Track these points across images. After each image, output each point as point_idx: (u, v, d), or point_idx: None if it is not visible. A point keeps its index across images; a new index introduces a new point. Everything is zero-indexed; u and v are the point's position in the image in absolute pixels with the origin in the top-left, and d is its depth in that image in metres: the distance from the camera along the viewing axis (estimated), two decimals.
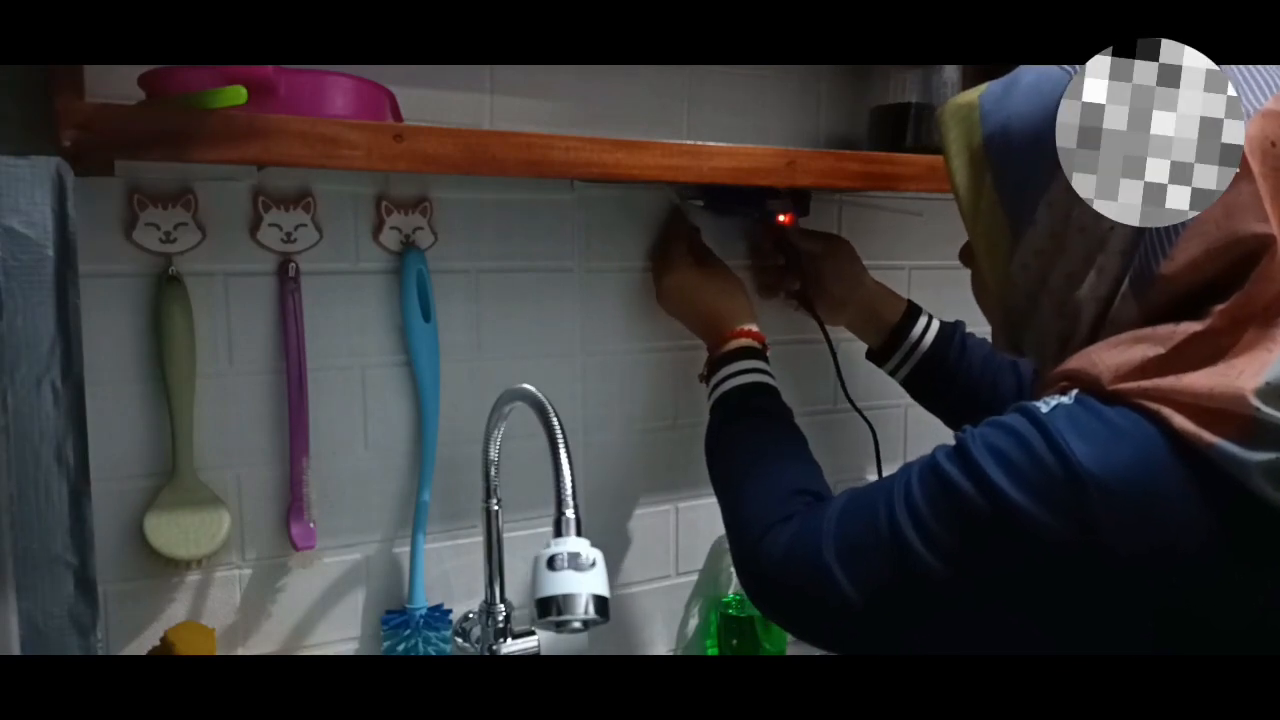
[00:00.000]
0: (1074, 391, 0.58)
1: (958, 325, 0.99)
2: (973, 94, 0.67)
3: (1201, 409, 0.52)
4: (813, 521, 0.67)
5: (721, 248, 1.00)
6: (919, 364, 0.97)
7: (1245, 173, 0.55)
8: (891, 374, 1.00)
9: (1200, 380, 0.53)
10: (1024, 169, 0.62)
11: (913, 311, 0.99)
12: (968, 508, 0.57)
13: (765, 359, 0.88)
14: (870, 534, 0.61)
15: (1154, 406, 0.54)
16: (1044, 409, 0.57)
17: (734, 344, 0.89)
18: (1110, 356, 0.57)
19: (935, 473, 0.59)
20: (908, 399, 1.01)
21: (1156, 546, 0.53)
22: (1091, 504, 0.53)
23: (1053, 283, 0.63)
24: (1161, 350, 0.55)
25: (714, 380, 0.88)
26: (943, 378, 0.97)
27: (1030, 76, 0.63)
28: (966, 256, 0.73)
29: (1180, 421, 0.53)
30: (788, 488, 0.74)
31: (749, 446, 0.81)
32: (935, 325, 0.98)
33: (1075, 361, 0.60)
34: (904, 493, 0.61)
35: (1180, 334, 0.55)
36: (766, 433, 0.82)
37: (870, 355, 1.01)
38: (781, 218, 0.99)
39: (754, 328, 0.90)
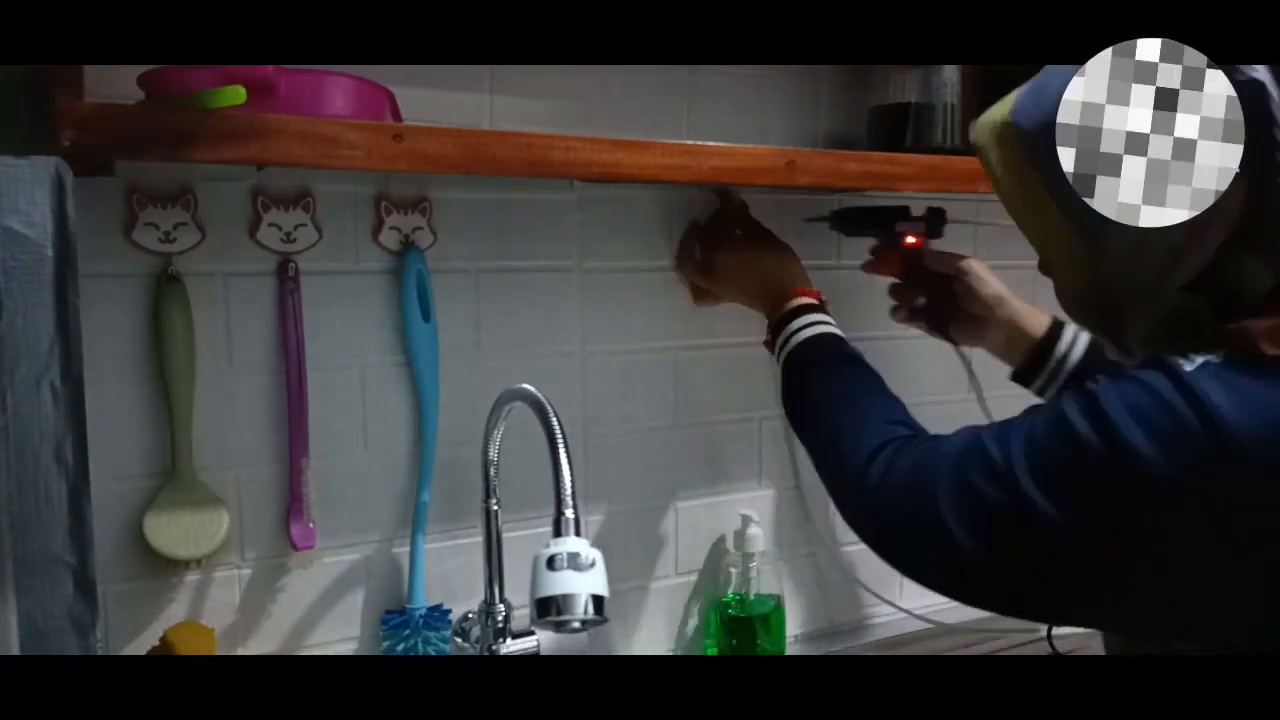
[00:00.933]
0: (1222, 351, 0.54)
1: None
2: (1003, 110, 0.64)
3: None
4: (927, 463, 0.64)
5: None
6: (1068, 382, 0.90)
7: None
8: (1039, 394, 0.92)
9: None
10: None
11: (1057, 326, 0.91)
12: (1098, 466, 0.54)
13: (828, 313, 0.88)
14: (990, 486, 0.58)
15: None
16: (1188, 366, 0.53)
17: (795, 302, 0.89)
18: (1261, 323, 0.53)
19: (1063, 426, 0.56)
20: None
21: None
22: (1238, 470, 0.50)
23: (1150, 268, 0.58)
24: None
25: (782, 337, 0.87)
26: None
27: (1056, 81, 0.60)
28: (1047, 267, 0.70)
29: None
30: (882, 417, 0.73)
31: (835, 386, 0.80)
32: (1084, 338, 0.90)
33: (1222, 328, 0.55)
34: (1026, 447, 0.58)
35: None
36: (848, 372, 0.81)
37: (1015, 377, 0.93)
38: (910, 239, 0.96)
39: (810, 288, 0.91)
